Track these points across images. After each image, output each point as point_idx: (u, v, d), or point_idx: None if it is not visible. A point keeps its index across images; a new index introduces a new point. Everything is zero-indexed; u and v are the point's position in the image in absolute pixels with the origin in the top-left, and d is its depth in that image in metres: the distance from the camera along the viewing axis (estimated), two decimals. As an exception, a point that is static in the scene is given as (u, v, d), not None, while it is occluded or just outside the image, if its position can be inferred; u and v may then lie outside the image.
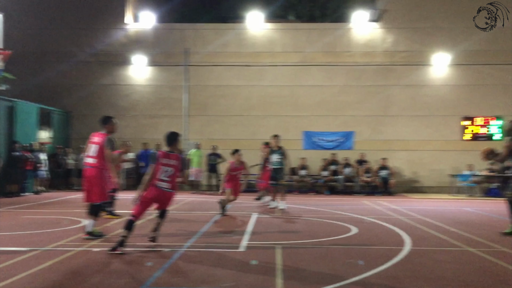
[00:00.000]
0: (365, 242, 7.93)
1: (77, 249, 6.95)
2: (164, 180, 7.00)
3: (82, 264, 6.11)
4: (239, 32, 20.49)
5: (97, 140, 7.87)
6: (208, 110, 20.17)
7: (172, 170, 7.07)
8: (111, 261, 6.30)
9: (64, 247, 7.10)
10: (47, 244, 7.22)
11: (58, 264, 6.05)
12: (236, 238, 8.09)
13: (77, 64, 20.32)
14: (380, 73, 19.95)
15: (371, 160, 19.05)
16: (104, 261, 6.27)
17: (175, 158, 7.13)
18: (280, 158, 12.67)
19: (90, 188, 7.72)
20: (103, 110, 20.09)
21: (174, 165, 7.08)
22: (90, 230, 7.76)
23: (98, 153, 7.75)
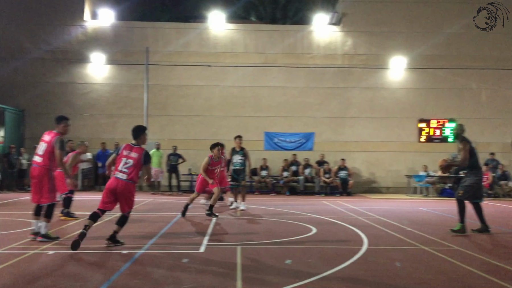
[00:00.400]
0: (324, 241, 8.03)
1: (31, 252, 6.71)
2: (122, 172, 7.17)
3: (35, 267, 5.90)
4: (200, 32, 20.37)
5: (47, 139, 7.63)
6: (168, 110, 19.95)
7: (132, 162, 7.18)
8: (67, 264, 6.11)
9: (17, 250, 6.84)
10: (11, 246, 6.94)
11: (10, 268, 5.82)
12: (196, 239, 8.03)
13: (32, 61, 19.67)
14: (340, 75, 20.30)
15: (331, 161, 19.35)
16: (59, 264, 6.09)
17: (137, 151, 7.25)
18: (242, 159, 12.60)
19: (38, 188, 7.49)
20: (60, 109, 19.54)
21: (134, 158, 7.20)
22: (44, 233, 7.51)
23: (46, 153, 7.52)
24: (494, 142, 20.17)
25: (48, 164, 7.51)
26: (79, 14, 20.01)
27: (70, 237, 7.94)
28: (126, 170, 7.18)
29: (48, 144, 7.55)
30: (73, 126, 20.00)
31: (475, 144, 9.29)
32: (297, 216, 11.48)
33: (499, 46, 20.29)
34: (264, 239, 8.11)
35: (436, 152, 18.95)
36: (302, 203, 14.90)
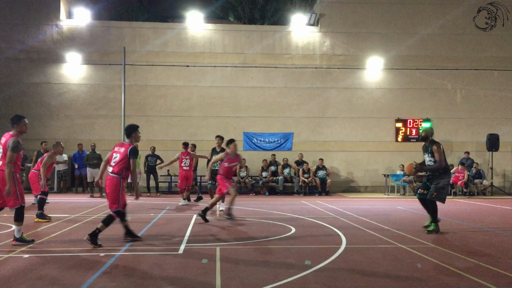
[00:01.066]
0: (303, 241, 8.07)
1: (5, 255, 6.57)
2: (111, 166, 7.48)
3: (10, 271, 5.78)
4: (178, 31, 20.26)
5: (3, 141, 7.36)
6: (147, 110, 19.78)
7: (119, 157, 7.43)
8: (43, 267, 6.00)
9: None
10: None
11: (-17, 273, 5.69)
12: (175, 240, 7.98)
13: (6, 61, 19.27)
14: (318, 75, 20.44)
15: (310, 161, 19.46)
16: (35, 268, 5.97)
17: (125, 147, 7.49)
18: None
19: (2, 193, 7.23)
20: (34, 110, 19.24)
21: (121, 153, 7.44)
22: (18, 236, 7.36)
23: (3, 156, 7.24)
24: (468, 141, 20.58)
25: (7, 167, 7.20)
26: (54, 13, 19.67)
27: (46, 240, 7.81)
28: (113, 164, 7.45)
29: (4, 146, 7.28)
30: (49, 127, 19.83)
31: (448, 144, 9.46)
32: (277, 216, 11.52)
33: (472, 47, 20.71)
34: (243, 240, 8.11)
35: (413, 152, 19.23)
36: (281, 203, 14.95)
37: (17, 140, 7.26)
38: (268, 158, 19.40)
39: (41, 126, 19.22)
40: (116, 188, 7.39)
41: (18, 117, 7.53)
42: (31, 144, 17.60)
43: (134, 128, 7.72)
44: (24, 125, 7.52)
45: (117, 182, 7.39)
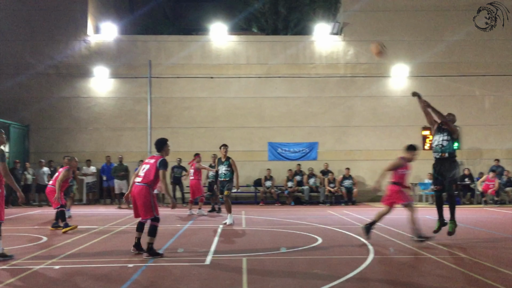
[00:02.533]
0: (330, 252, 8.00)
1: (37, 267, 6.71)
2: (139, 176, 7.58)
3: (42, 282, 5.91)
4: (203, 44, 20.50)
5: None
6: (172, 122, 20.01)
7: (148, 167, 7.56)
8: (73, 278, 6.11)
9: (23, 265, 6.84)
10: (5, 263, 6.95)
11: (18, 282, 5.82)
12: (202, 251, 8.01)
13: (36, 76, 19.81)
14: (343, 84, 20.35)
15: (335, 170, 19.32)
16: (66, 279, 6.08)
17: (155, 158, 7.65)
18: (228, 170, 11.80)
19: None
20: (64, 123, 19.71)
21: (151, 163, 7.58)
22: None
23: None
24: (498, 149, 20.10)
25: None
26: (82, 29, 20.18)
27: (76, 251, 7.94)
28: (142, 174, 7.56)
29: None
30: (77, 140, 20.24)
31: (477, 151, 9.25)
32: (303, 226, 11.45)
33: (501, 53, 20.30)
34: (269, 250, 8.08)
35: (441, 160, 18.87)
36: (307, 213, 14.86)
37: (2, 150, 7.23)
38: (293, 168, 19.34)
39: (70, 139, 19.65)
40: (147, 197, 7.48)
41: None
42: (60, 157, 17.97)
43: (164, 142, 7.84)
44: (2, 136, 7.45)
45: (146, 191, 7.49)
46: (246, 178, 19.51)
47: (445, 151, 8.70)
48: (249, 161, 19.69)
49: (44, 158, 18.56)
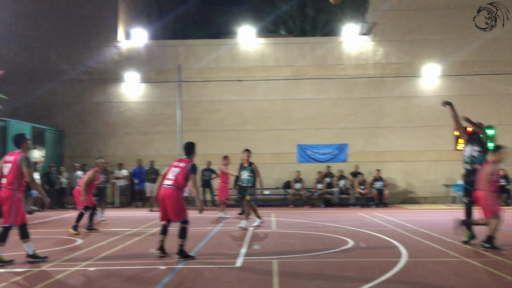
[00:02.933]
0: (361, 254, 7.91)
1: (72, 269, 6.88)
2: (169, 179, 7.64)
3: (79, 283, 6.05)
4: (231, 47, 20.62)
5: (11, 159, 7.43)
6: (201, 125, 20.19)
7: (179, 170, 7.64)
8: (107, 281, 6.23)
9: (60, 266, 7.03)
10: (42, 265, 7.15)
11: (56, 284, 5.98)
12: (233, 253, 8.04)
13: (69, 82, 20.31)
14: (372, 85, 20.12)
15: (365, 172, 19.10)
16: (101, 281, 6.22)
17: (185, 162, 7.76)
18: (251, 176, 11.43)
19: (4, 210, 7.33)
20: (96, 128, 20.14)
21: (182, 167, 7.67)
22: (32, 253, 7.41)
23: (10, 173, 7.31)
24: (536, 148, 19.44)
25: (14, 185, 7.31)
26: (113, 35, 20.60)
27: (110, 254, 8.09)
28: (172, 177, 7.63)
29: (13, 164, 7.35)
30: (109, 144, 20.67)
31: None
32: (333, 228, 11.36)
33: (537, 49, 19.66)
34: (300, 253, 8.05)
35: (475, 160, 18.41)
36: (338, 215, 14.74)
37: (28, 157, 7.42)
38: (323, 170, 19.21)
39: (103, 143, 20.07)
40: (179, 201, 7.62)
41: (23, 137, 7.67)
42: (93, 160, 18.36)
43: (193, 145, 8.01)
44: (29, 143, 7.71)
45: (177, 193, 7.60)
46: (275, 180, 19.51)
47: (476, 163, 8.53)
48: (278, 164, 19.69)
49: (78, 162, 19.00)
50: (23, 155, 7.37)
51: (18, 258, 7.65)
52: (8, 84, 16.89)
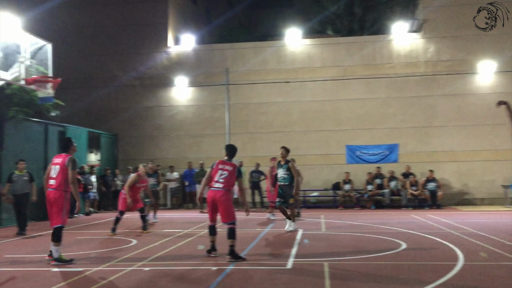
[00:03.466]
0: (415, 257, 7.71)
1: (128, 268, 7.11)
2: (218, 181, 7.83)
3: (134, 282, 6.25)
4: (278, 49, 20.65)
5: (58, 161, 7.72)
6: (249, 127, 20.33)
7: (227, 174, 7.86)
8: (160, 280, 6.40)
9: (115, 266, 7.28)
10: (100, 264, 7.43)
11: (110, 284, 6.21)
12: (283, 255, 8.05)
13: (122, 87, 21.01)
14: (424, 83, 19.57)
15: (418, 173, 18.58)
16: (154, 280, 6.39)
17: (231, 165, 7.99)
18: (287, 174, 11.10)
19: (51, 211, 7.60)
20: (148, 131, 20.71)
21: (229, 170, 7.91)
22: (56, 256, 7.55)
23: (59, 175, 7.58)
24: None
25: (62, 186, 7.57)
26: (163, 41, 21.14)
27: (163, 254, 8.30)
28: (222, 180, 7.83)
29: (60, 166, 7.63)
30: (161, 147, 21.17)
31: None
32: (385, 230, 11.14)
33: None
34: (351, 255, 7.95)
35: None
36: (389, 217, 14.43)
37: (75, 159, 7.73)
38: (373, 170, 18.86)
39: (154, 146, 20.61)
40: (230, 202, 7.85)
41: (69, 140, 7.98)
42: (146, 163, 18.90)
43: (236, 149, 8.36)
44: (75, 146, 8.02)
45: (228, 196, 7.85)
46: (324, 181, 19.36)
47: None
48: (327, 165, 19.53)
49: (131, 165, 19.57)
50: (70, 157, 7.71)
51: (77, 257, 8.00)
52: (65, 91, 17.61)
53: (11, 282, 6.40)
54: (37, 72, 11.20)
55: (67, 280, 6.39)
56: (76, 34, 21.03)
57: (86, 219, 15.56)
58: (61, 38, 18.72)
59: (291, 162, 11.30)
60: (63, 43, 20.00)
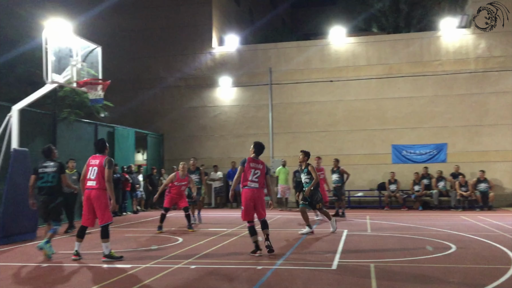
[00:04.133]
0: (466, 260, 7.47)
1: (175, 266, 7.25)
2: (254, 181, 8.12)
3: (181, 280, 6.37)
4: (321, 48, 20.49)
5: (96, 162, 7.95)
6: (292, 127, 20.27)
7: (260, 173, 8.17)
8: (207, 278, 6.50)
9: (163, 264, 7.44)
10: (148, 261, 7.62)
11: (158, 281, 6.36)
12: (327, 255, 7.99)
13: (168, 88, 21.45)
14: (473, 80, 18.89)
15: (467, 173, 17.96)
16: (201, 279, 6.49)
17: (262, 163, 8.30)
18: (309, 178, 10.87)
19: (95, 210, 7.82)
20: (193, 131, 21.04)
21: (261, 169, 8.20)
22: (107, 253, 7.78)
23: (98, 175, 7.83)
24: None
25: (103, 185, 7.82)
26: (208, 42, 21.41)
27: (209, 252, 8.41)
28: (257, 180, 8.15)
29: (99, 166, 7.87)
30: (205, 147, 21.46)
31: None
32: (433, 232, 10.84)
33: None
34: (398, 257, 7.79)
35: None
36: (437, 219, 14.03)
37: (111, 159, 7.98)
38: (420, 170, 18.37)
39: (199, 146, 20.92)
40: (264, 199, 8.28)
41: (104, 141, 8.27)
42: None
43: (264, 147, 8.56)
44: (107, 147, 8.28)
45: (263, 194, 8.27)
46: (369, 182, 19.06)
47: None
48: (372, 165, 19.20)
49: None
50: (107, 157, 8.00)
51: (126, 254, 8.23)
52: (114, 92, 18.13)
53: (65, 277, 6.67)
54: (88, 75, 11.62)
55: (117, 277, 6.59)
56: (124, 37, 21.63)
57: (133, 217, 15.99)
58: (109, 41, 19.28)
59: (311, 165, 11.08)
60: (111, 46, 20.60)
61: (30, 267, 7.47)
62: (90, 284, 6.17)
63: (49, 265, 7.48)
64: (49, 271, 7.12)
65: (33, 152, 11.73)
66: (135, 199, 17.76)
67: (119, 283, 6.24)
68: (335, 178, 14.84)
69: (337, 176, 14.83)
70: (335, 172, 14.89)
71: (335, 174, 14.87)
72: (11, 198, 10.14)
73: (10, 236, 10.00)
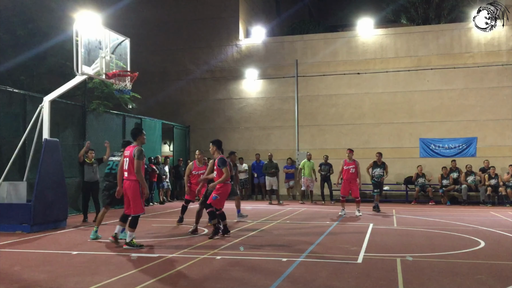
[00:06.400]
0: (495, 256, 7.33)
1: (201, 256, 7.34)
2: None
3: (207, 270, 6.45)
4: (348, 40, 20.26)
5: (127, 153, 8.10)
6: (318, 120, 20.16)
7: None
8: (232, 269, 6.55)
9: (189, 254, 7.54)
10: (174, 251, 7.73)
11: (184, 271, 6.45)
12: (353, 249, 7.96)
13: (194, 81, 21.59)
14: (506, 73, 18.40)
15: (497, 168, 17.56)
16: (226, 269, 6.55)
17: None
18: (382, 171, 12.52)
19: (128, 200, 8.05)
20: (218, 123, 21.14)
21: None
22: (128, 241, 8.02)
23: (129, 166, 7.98)
24: None
25: (135, 176, 7.94)
26: (234, 35, 21.42)
27: (234, 243, 8.48)
28: None
29: (130, 157, 8.01)
30: (230, 139, 21.58)
31: None
32: (461, 227, 10.66)
33: None
34: (425, 252, 7.70)
35: None
36: (466, 214, 13.78)
37: (141, 149, 8.04)
38: (448, 165, 18.05)
39: (224, 137, 20.91)
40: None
41: (139, 130, 8.34)
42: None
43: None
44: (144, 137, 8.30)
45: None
46: (396, 175, 18.81)
47: None
48: (399, 158, 18.95)
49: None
50: (137, 148, 8.07)
51: (153, 244, 8.36)
52: (141, 84, 18.38)
53: (94, 265, 6.83)
54: (117, 67, 11.78)
55: (144, 265, 6.71)
56: (151, 29, 21.82)
57: (160, 208, 16.22)
58: (137, 33, 19.49)
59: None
60: (139, 38, 20.86)
61: (59, 254, 7.68)
62: (121, 271, 6.29)
63: (78, 253, 7.67)
64: (78, 258, 7.30)
65: (63, 142, 11.99)
66: (161, 190, 18.00)
67: (148, 271, 6.35)
68: (379, 172, 14.64)
69: (381, 170, 14.66)
70: (379, 166, 14.69)
71: (379, 168, 14.66)
72: (42, 187, 10.42)
73: (41, 224, 10.29)
